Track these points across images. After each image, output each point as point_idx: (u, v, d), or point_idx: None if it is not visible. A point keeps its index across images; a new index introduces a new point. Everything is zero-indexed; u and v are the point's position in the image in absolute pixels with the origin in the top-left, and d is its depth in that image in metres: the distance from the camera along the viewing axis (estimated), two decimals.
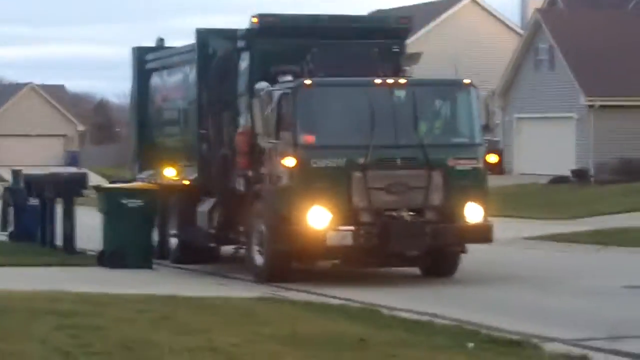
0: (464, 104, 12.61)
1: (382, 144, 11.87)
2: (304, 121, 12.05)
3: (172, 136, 16.15)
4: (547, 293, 11.37)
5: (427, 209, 11.93)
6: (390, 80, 12.38)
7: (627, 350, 7.05)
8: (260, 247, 12.43)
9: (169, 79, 16.19)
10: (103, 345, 6.89)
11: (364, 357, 6.46)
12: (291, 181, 11.90)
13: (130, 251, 14.06)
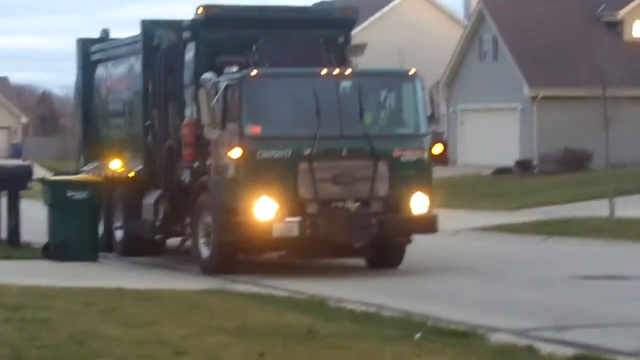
0: (410, 94, 12.57)
1: (328, 134, 11.80)
2: (249, 112, 11.90)
3: (118, 128, 15.99)
4: (493, 283, 11.53)
5: (373, 199, 11.93)
6: (336, 71, 12.27)
7: (573, 340, 7.21)
8: (207, 239, 12.30)
9: (114, 71, 16.07)
10: (51, 338, 6.86)
11: (313, 348, 6.50)
12: (237, 172, 11.81)
13: (75, 244, 13.84)
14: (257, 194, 11.58)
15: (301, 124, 12.09)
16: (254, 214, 11.55)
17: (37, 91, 79.33)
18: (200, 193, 12.62)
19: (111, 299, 9.46)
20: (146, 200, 14.04)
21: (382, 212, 11.93)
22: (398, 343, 6.75)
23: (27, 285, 10.41)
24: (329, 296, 10.00)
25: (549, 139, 33.00)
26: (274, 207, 11.54)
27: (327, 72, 12.13)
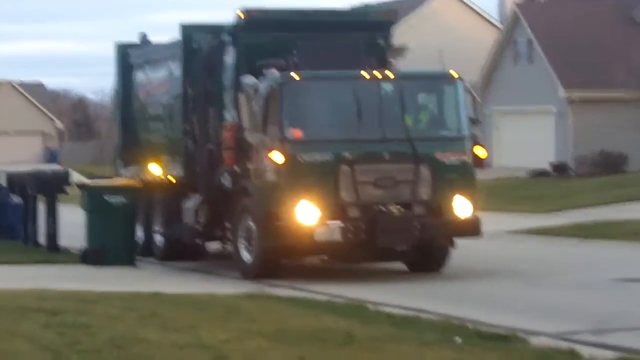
0: (452, 97, 12.61)
1: (370, 138, 11.90)
2: (291, 115, 11.96)
3: (157, 132, 16.15)
4: (533, 287, 11.48)
5: (416, 203, 11.96)
6: (377, 74, 12.27)
7: (614, 343, 7.14)
8: (248, 244, 12.40)
9: (153, 75, 16.28)
10: (92, 342, 6.96)
11: (352, 352, 6.53)
12: (279, 176, 11.83)
13: (113, 249, 14.03)
14: (299, 198, 11.63)
15: (343, 128, 12.14)
16: (295, 218, 11.59)
17: (72, 96, 79.69)
18: (242, 197, 12.72)
19: (150, 304, 9.56)
20: (187, 205, 14.11)
21: (425, 216, 11.95)
22: (438, 347, 6.71)
23: (66, 290, 10.56)
24: (368, 300, 9.98)
25: (585, 142, 32.68)
26: (315, 211, 11.57)
27: (369, 75, 12.16)
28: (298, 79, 11.91)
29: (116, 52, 17.31)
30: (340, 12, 15.39)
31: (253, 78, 12.23)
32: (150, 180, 15.44)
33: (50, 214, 15.78)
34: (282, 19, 13.67)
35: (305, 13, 14.25)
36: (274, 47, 12.84)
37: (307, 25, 13.57)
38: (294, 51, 12.58)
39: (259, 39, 13.10)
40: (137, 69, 16.93)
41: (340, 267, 13.12)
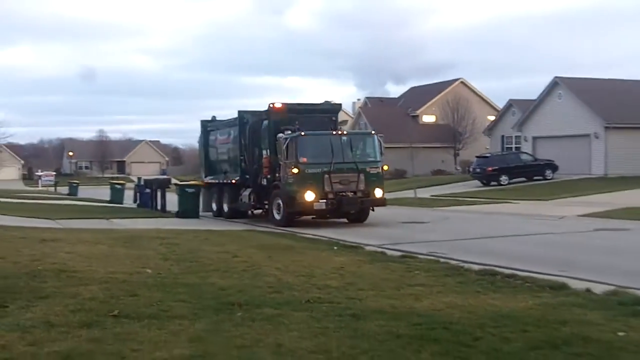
0: (372, 142, 22.41)
1: (337, 161, 21.24)
2: (301, 151, 21.16)
3: (224, 161, 27.06)
4: (388, 228, 20.88)
5: (358, 191, 21.47)
6: (339, 132, 22.40)
7: (402, 249, 14.63)
8: (278, 211, 22.04)
9: (220, 135, 27.38)
10: (180, 250, 13.99)
11: (291, 253, 13.81)
12: (296, 180, 21.12)
13: (189, 210, 24.98)
14: (306, 189, 20.97)
15: (324, 157, 21.22)
16: (305, 199, 21.00)
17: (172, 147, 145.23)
18: (274, 189, 22.38)
19: (205, 234, 17.84)
20: (244, 193, 24.59)
21: (362, 197, 21.54)
22: (327, 250, 14.49)
23: (169, 229, 19.37)
24: (306, 233, 18.23)
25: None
26: (314, 195, 20.91)
27: (336, 133, 22.15)
28: (303, 135, 21.36)
29: (201, 124, 29.21)
30: (316, 104, 25.19)
31: (282, 134, 21.98)
32: (222, 182, 26.60)
33: (162, 197, 29.21)
34: (290, 108, 23.28)
35: (300, 104, 24.54)
36: (285, 121, 22.71)
37: (302, 110, 23.54)
38: (296, 123, 22.23)
39: (279, 117, 22.89)
40: (211, 132, 28.44)
41: (319, 221, 22.29)
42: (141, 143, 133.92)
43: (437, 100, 67.40)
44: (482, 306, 8.25)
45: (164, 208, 28.85)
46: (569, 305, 8.21)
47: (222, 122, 28.05)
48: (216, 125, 28.52)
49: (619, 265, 12.29)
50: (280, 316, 7.66)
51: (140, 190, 34.40)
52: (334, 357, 6.12)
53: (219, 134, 27.73)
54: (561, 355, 6.09)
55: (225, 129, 27.14)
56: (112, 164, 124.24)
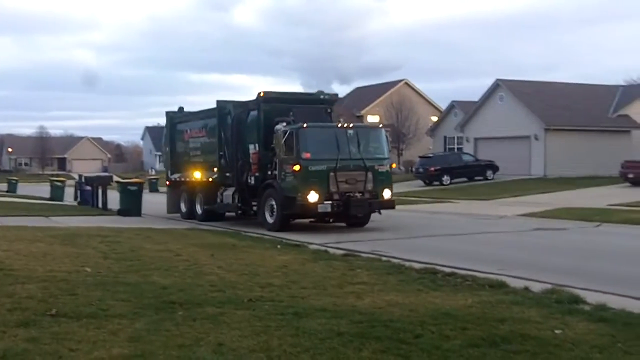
0: (379, 137, 20.03)
1: (343, 157, 18.73)
2: (303, 146, 18.65)
3: (197, 156, 24.29)
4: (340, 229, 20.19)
5: (365, 192, 19.06)
6: (344, 124, 19.66)
7: (345, 247, 14.83)
8: (270, 213, 19.55)
9: (192, 127, 24.70)
10: (121, 249, 13.78)
11: (235, 251, 13.75)
12: (297, 178, 18.69)
13: (131, 208, 24.18)
14: (309, 189, 18.41)
15: (329, 152, 18.75)
16: (307, 199, 18.43)
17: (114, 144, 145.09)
18: (267, 189, 19.75)
19: (147, 232, 17.59)
20: (226, 193, 21.90)
21: (370, 198, 19.12)
22: (270, 249, 14.44)
23: (109, 227, 18.95)
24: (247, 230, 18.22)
25: None
26: (317, 196, 18.45)
27: (341, 125, 19.48)
28: (306, 127, 18.78)
29: (166, 116, 26.55)
30: (310, 94, 22.62)
31: (280, 126, 19.24)
32: (194, 180, 23.88)
33: (104, 194, 28.22)
34: (282, 97, 20.95)
35: (293, 93, 22.09)
36: (277, 112, 20.15)
37: (295, 100, 20.93)
38: (291, 114, 19.74)
39: (271, 107, 20.35)
40: (178, 124, 25.72)
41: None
42: (82, 140, 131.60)
43: (381, 100, 68.10)
44: (422, 304, 8.34)
45: (105, 206, 27.79)
46: (507, 303, 8.36)
47: (194, 114, 25.29)
48: (186, 117, 25.83)
49: (556, 264, 12.58)
50: (221, 315, 7.60)
51: (81, 188, 33.73)
52: (275, 356, 6.11)
53: (190, 126, 25.09)
54: (500, 353, 6.19)
55: (197, 121, 24.47)
56: (53, 161, 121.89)
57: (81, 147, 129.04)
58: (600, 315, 7.65)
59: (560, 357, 6.04)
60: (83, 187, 33.06)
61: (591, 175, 42.58)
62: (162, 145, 30.59)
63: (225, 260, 12.39)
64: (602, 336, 6.76)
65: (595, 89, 51.31)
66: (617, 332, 6.86)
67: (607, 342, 6.56)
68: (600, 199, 29.93)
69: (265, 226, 19.47)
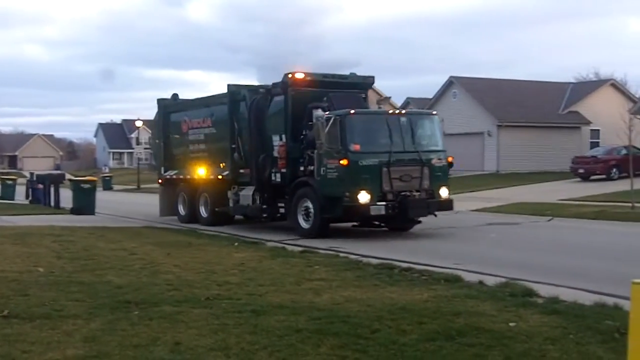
0: (435, 125, 17.36)
1: (396, 149, 15.94)
2: (351, 136, 15.80)
3: (200, 150, 21.15)
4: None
5: (422, 190, 16.20)
6: (397, 111, 17.43)
7: (302, 244, 14.81)
8: (306, 216, 16.55)
9: (192, 117, 21.46)
10: (75, 248, 13.67)
11: (190, 250, 13.67)
12: (344, 174, 15.66)
13: (84, 207, 23.60)
14: (359, 188, 15.50)
15: (380, 143, 16.02)
16: (357, 200, 15.49)
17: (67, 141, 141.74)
18: (300, 187, 16.72)
19: (102, 231, 17.41)
20: (244, 193, 18.74)
21: (428, 198, 16.32)
22: (227, 246, 14.38)
23: (62, 226, 18.68)
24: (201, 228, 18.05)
25: None
26: (368, 196, 15.50)
27: (392, 112, 17.05)
28: (353, 114, 16.06)
29: (158, 105, 23.08)
30: (343, 75, 18.73)
31: (321, 112, 16.32)
32: (195, 178, 20.84)
33: (56, 192, 27.66)
34: (314, 80, 17.71)
35: (325, 76, 18.17)
36: (310, 97, 17.22)
37: (329, 83, 17.80)
38: (325, 99, 17.02)
39: (302, 92, 17.39)
40: (173, 114, 22.60)
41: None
42: (34, 137, 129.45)
43: None
44: (380, 299, 8.40)
45: (57, 204, 27.18)
46: (462, 297, 8.47)
47: (196, 101, 22.22)
48: (184, 105, 22.66)
49: (510, 258, 12.78)
50: (178, 314, 7.55)
51: (32, 186, 33.16)
52: (233, 354, 6.09)
53: (189, 116, 21.84)
54: (455, 346, 6.27)
55: (200, 110, 21.33)
56: (3, 159, 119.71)
57: (32, 144, 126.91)
58: (553, 308, 7.79)
59: (514, 349, 6.14)
60: (35, 186, 32.50)
61: (543, 170, 43.32)
62: (150, 138, 26.50)
63: (182, 258, 12.30)
64: (554, 328, 6.89)
65: (547, 86, 52.18)
66: (569, 324, 6.99)
67: (560, 333, 6.68)
68: (552, 193, 30.48)
69: (299, 232, 16.74)
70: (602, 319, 7.08)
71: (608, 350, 6.04)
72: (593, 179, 36.15)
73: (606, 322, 6.93)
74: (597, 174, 36.49)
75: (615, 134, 29.21)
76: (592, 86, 53.54)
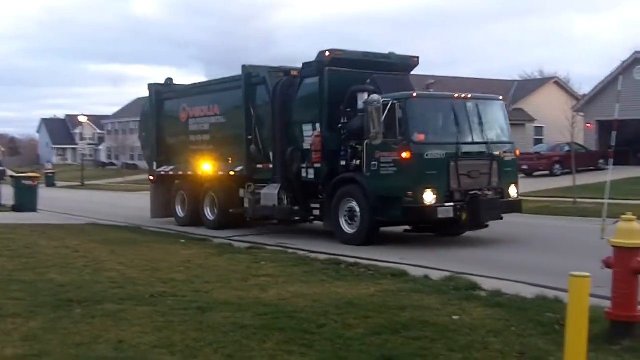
0: (501, 112, 15.07)
1: (464, 141, 13.84)
2: (414, 124, 13.48)
3: (203, 142, 18.50)
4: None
5: (491, 189, 14.01)
6: (462, 95, 14.47)
7: (249, 240, 14.86)
8: (350, 219, 14.24)
9: (192, 104, 18.82)
10: (15, 246, 13.47)
11: (136, 247, 13.49)
12: (406, 170, 13.28)
13: (26, 204, 23.22)
14: (424, 186, 13.14)
15: (446, 133, 13.89)
16: (422, 200, 13.08)
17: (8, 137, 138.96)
18: (344, 185, 14.39)
19: (43, 228, 17.09)
20: (267, 191, 16.05)
21: (498, 198, 14.19)
22: (174, 244, 14.28)
23: (3, 223, 18.25)
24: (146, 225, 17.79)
25: None
26: (433, 196, 13.15)
27: (458, 96, 14.33)
28: (415, 97, 13.80)
29: (150, 90, 20.28)
30: (386, 55, 16.06)
31: (375, 96, 13.66)
32: (197, 174, 18.30)
33: None
34: (353, 59, 15.27)
35: (366, 54, 15.63)
36: (349, 79, 14.83)
37: (369, 64, 15.37)
38: (368, 81, 14.84)
39: (340, 72, 14.97)
40: (168, 101, 19.90)
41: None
42: None
43: None
44: (326, 294, 8.42)
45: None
46: (408, 291, 8.55)
47: (199, 86, 19.78)
48: (183, 91, 19.98)
49: (454, 253, 12.94)
50: (122, 312, 7.45)
51: None
52: (177, 351, 6.02)
53: (190, 103, 19.14)
54: (400, 340, 6.32)
55: (204, 96, 18.72)
56: None
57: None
58: (496, 301, 7.92)
59: (458, 342, 6.22)
60: None
61: None
62: (139, 129, 22.40)
63: (127, 256, 12.14)
64: (497, 321, 7.00)
65: (493, 83, 52.98)
66: (511, 317, 7.12)
67: (502, 326, 6.79)
68: None
69: (341, 237, 14.39)
70: (543, 312, 7.23)
71: (549, 342, 6.16)
72: (536, 175, 36.83)
73: (547, 315, 7.08)
74: (541, 170, 37.24)
75: (559, 131, 29.83)
76: (536, 84, 54.69)
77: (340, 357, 5.80)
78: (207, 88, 19.05)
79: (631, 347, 5.90)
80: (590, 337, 4.92)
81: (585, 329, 4.64)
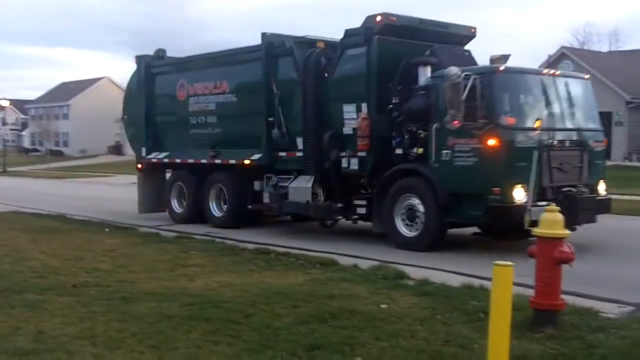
0: (590, 94, 12.79)
1: (557, 127, 11.61)
2: (500, 104, 11.26)
3: (208, 125, 15.80)
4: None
5: (582, 185, 11.73)
6: (553, 71, 12.52)
7: (176, 229, 14.61)
8: (409, 220, 11.97)
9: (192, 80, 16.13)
10: None
11: (59, 236, 13.09)
12: (493, 159, 10.90)
13: None
14: (513, 181, 10.76)
15: (540, 116, 11.16)
16: (511, 197, 10.72)
17: None
18: (398, 179, 12.12)
19: None
20: (296, 184, 13.66)
21: (593, 195, 12.02)
22: (98, 232, 13.94)
23: None
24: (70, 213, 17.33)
25: None
26: (524, 193, 10.71)
27: (547, 72, 12.30)
28: (503, 71, 11.40)
29: (138, 62, 17.38)
30: (444, 24, 13.85)
31: (457, 69, 11.09)
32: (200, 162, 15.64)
33: None
34: (407, 26, 12.96)
35: (422, 22, 13.34)
36: (400, 51, 12.56)
37: (426, 32, 13.15)
38: (427, 53, 12.51)
39: (391, 42, 12.63)
40: (160, 75, 17.12)
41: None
42: None
43: None
44: (255, 284, 8.37)
45: None
46: (337, 281, 8.57)
47: (200, 58, 16.54)
48: (181, 64, 17.04)
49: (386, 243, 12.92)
50: (43, 302, 7.25)
51: None
52: (100, 342, 5.88)
53: (189, 78, 16.29)
54: (328, 329, 6.32)
55: (209, 70, 15.91)
56: None
57: None
58: (423, 290, 8.02)
59: (385, 330, 6.26)
60: None
61: None
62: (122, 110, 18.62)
63: (49, 245, 11.86)
64: (424, 309, 7.09)
65: None
66: (437, 305, 7.22)
67: (429, 314, 6.88)
68: None
69: (397, 241, 12.11)
70: (468, 300, 7.36)
71: (473, 330, 6.26)
72: None
73: (472, 303, 7.21)
74: None
75: None
76: None
77: (268, 347, 5.76)
78: (214, 60, 16.11)
79: (553, 334, 6.05)
80: (514, 324, 5.01)
81: (508, 317, 4.71)
